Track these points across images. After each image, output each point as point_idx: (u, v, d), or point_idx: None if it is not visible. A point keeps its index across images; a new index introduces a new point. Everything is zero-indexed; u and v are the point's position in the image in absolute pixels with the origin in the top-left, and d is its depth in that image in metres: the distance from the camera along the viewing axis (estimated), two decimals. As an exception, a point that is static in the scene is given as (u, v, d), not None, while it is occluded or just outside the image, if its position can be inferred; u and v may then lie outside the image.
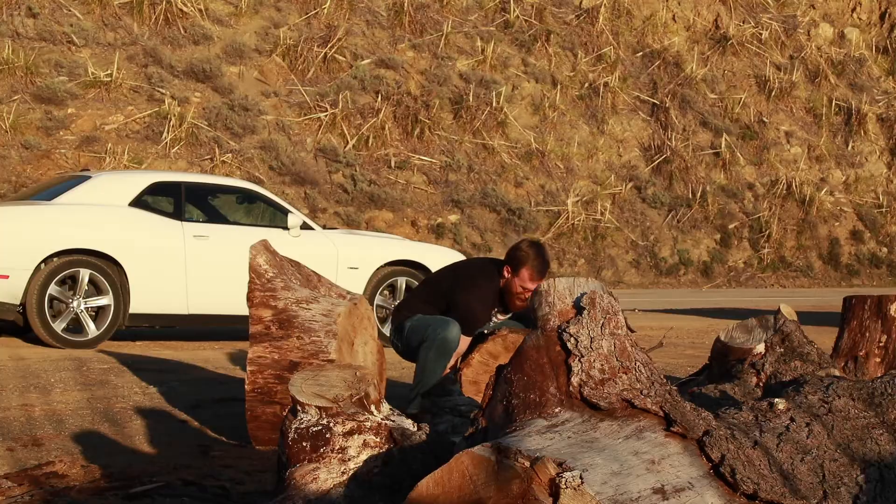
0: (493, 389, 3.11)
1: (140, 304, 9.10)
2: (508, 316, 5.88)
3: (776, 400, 3.10)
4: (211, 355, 8.69)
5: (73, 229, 8.92)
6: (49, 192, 9.54)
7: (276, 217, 10.00)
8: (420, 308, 5.79)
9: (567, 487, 2.40)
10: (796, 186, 24.73)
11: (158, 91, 19.90)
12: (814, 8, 28.28)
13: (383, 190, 20.46)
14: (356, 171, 20.59)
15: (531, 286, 5.56)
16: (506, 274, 5.67)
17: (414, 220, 20.38)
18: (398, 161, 21.12)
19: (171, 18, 21.17)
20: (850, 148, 26.25)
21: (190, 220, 9.51)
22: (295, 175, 20.05)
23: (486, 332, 5.71)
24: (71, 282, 8.89)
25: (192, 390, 6.65)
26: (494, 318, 5.83)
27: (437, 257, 10.21)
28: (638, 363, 2.97)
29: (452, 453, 2.82)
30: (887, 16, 28.52)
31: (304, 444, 3.15)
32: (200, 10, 21.55)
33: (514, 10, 24.62)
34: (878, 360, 5.35)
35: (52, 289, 8.76)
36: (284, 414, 3.30)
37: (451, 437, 3.51)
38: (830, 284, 23.81)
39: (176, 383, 6.93)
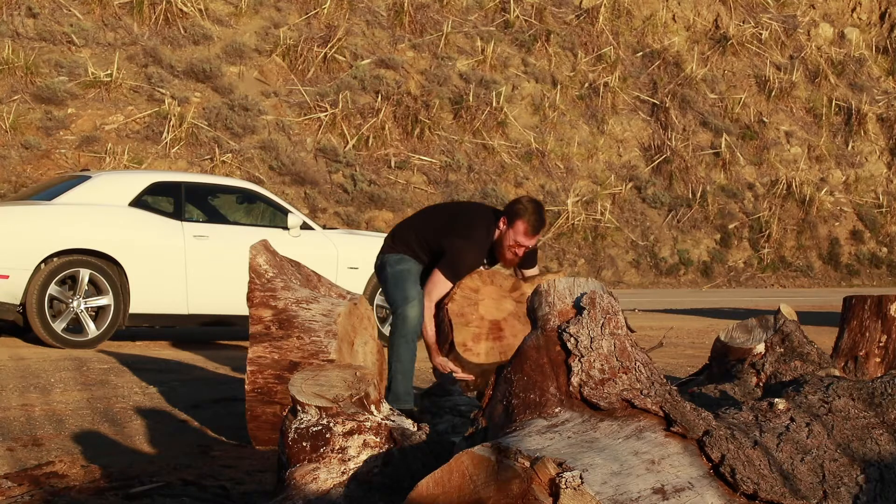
0: (493, 389, 3.11)
1: (140, 304, 9.10)
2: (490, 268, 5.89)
3: (776, 400, 3.10)
4: (211, 355, 8.69)
5: (73, 229, 8.92)
6: (49, 192, 9.54)
7: (276, 217, 9.99)
8: (407, 246, 5.75)
9: (567, 487, 2.40)
10: (796, 186, 24.74)
11: (158, 91, 19.90)
12: (814, 8, 28.28)
13: (383, 190, 20.47)
14: (356, 171, 20.59)
15: (524, 241, 5.55)
16: (501, 226, 5.65)
17: (414, 220, 20.35)
18: (398, 161, 21.13)
19: (171, 18, 21.17)
20: (850, 148, 26.25)
21: (190, 220, 9.51)
22: (295, 175, 20.06)
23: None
24: (71, 282, 8.89)
25: (192, 390, 6.65)
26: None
27: (437, 257, 10.19)
28: (638, 363, 2.97)
29: (452, 453, 2.81)
30: (887, 16, 28.52)
31: (304, 444, 3.15)
32: (200, 10, 21.55)
33: (514, 10, 24.63)
34: (878, 360, 5.35)
35: (52, 289, 8.75)
36: (284, 414, 3.30)
37: (451, 437, 3.51)
38: (830, 284, 23.82)
39: (176, 383, 6.93)
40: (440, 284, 5.54)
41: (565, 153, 23.21)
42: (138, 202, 9.31)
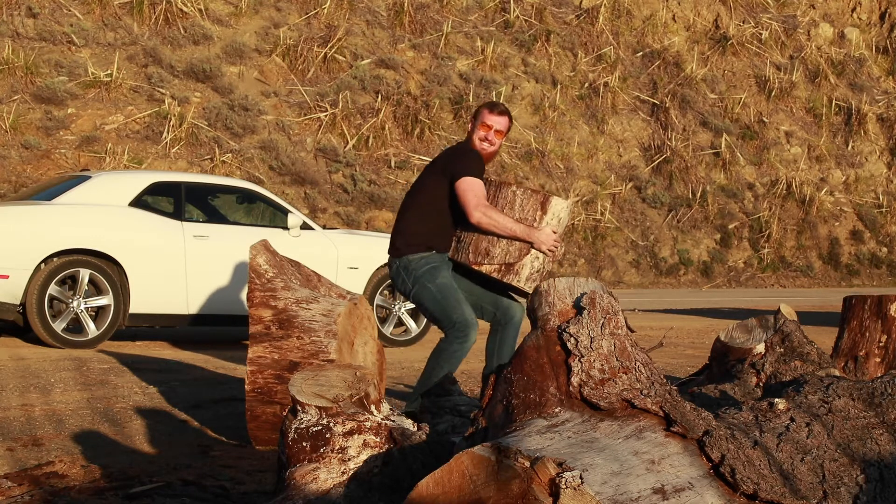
0: (493, 389, 3.11)
1: (140, 304, 9.10)
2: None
3: (776, 400, 3.10)
4: (211, 355, 8.69)
5: (73, 229, 8.92)
6: (49, 192, 9.54)
7: (276, 217, 10.00)
8: (429, 233, 5.56)
9: (567, 487, 2.40)
10: (796, 186, 24.74)
11: (158, 91, 19.90)
12: (814, 8, 28.28)
13: (383, 190, 20.46)
14: (356, 171, 20.59)
15: (489, 120, 5.57)
16: (470, 129, 5.71)
17: (414, 220, 20.36)
18: (398, 161, 21.13)
19: (171, 18, 21.17)
20: (850, 148, 26.25)
21: (190, 220, 9.51)
22: (295, 175, 20.06)
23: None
24: (71, 282, 8.89)
25: (192, 390, 6.65)
26: None
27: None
28: (638, 363, 2.97)
29: (452, 453, 2.82)
30: (887, 16, 28.52)
31: (304, 444, 3.15)
32: (200, 10, 21.55)
33: (514, 10, 24.63)
34: (878, 360, 5.35)
35: (52, 289, 8.75)
36: (284, 414, 3.30)
37: (451, 437, 3.51)
38: (830, 284, 23.82)
39: (176, 383, 6.93)
40: (473, 185, 5.40)
41: (565, 153, 23.20)
42: (138, 202, 9.31)
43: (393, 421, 3.25)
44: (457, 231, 5.56)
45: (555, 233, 5.34)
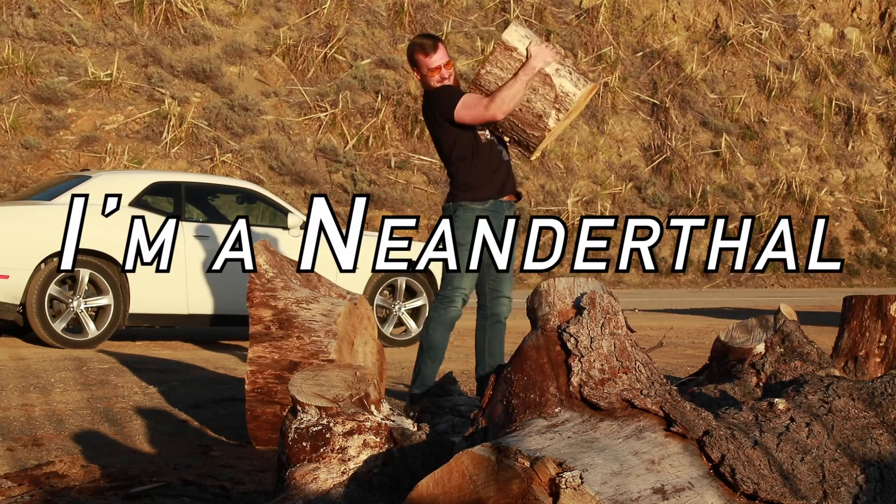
0: (493, 389, 3.11)
1: (140, 304, 9.09)
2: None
3: (776, 400, 3.10)
4: (211, 355, 8.69)
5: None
6: (49, 192, 9.53)
7: (276, 217, 9.99)
8: (478, 180, 5.68)
9: (567, 487, 2.40)
10: (796, 186, 24.74)
11: (158, 91, 19.90)
12: (814, 8, 28.28)
13: (383, 190, 20.46)
14: (356, 171, 20.59)
15: (433, 62, 5.61)
16: (417, 76, 5.77)
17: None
18: (398, 161, 21.13)
19: (171, 18, 21.17)
20: (850, 148, 26.25)
21: (190, 220, 9.51)
22: (295, 175, 20.06)
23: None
24: (71, 282, 8.88)
25: (192, 390, 6.65)
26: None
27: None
28: (638, 363, 2.97)
29: (452, 453, 2.82)
30: (887, 16, 28.52)
31: (304, 444, 3.15)
32: (200, 10, 21.55)
33: (514, 10, 24.63)
34: (878, 360, 5.35)
35: (52, 289, 8.75)
36: (284, 414, 3.30)
37: (451, 437, 3.51)
38: (830, 284, 23.82)
39: (176, 383, 6.92)
40: (467, 105, 5.49)
41: (565, 153, 23.20)
42: (138, 202, 9.31)
43: (393, 421, 3.25)
44: (505, 141, 5.67)
45: (538, 45, 5.43)
